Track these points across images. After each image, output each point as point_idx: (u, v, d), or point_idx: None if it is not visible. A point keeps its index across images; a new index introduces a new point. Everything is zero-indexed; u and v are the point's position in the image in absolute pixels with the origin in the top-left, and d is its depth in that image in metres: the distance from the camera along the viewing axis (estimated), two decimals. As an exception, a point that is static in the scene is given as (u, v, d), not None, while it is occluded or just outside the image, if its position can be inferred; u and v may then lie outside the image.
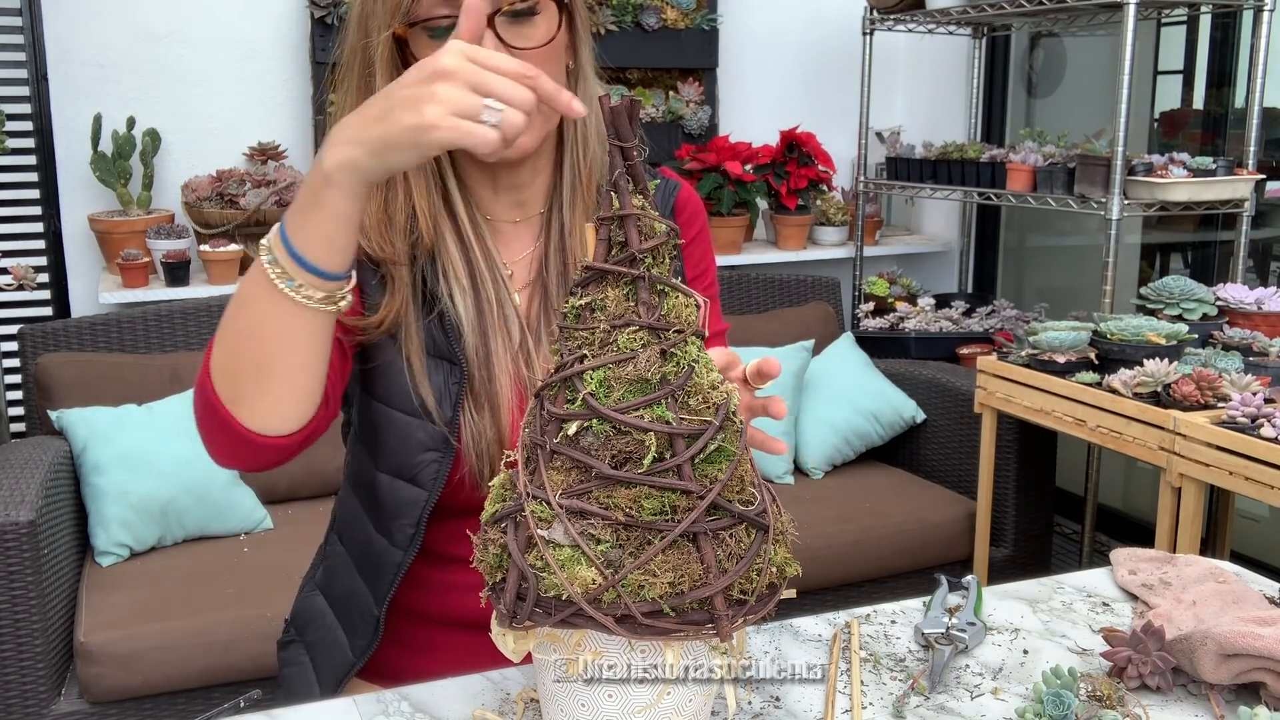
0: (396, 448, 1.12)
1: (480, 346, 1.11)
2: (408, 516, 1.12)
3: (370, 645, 1.16)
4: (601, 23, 3.37)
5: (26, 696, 2.12)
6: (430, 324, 1.11)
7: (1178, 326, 2.32)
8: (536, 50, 1.05)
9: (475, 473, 1.10)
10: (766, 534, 0.80)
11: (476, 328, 1.11)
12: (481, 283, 1.12)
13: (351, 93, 1.09)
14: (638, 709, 0.80)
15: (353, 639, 1.18)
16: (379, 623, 1.15)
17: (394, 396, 1.11)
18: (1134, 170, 2.69)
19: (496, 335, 1.12)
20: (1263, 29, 2.76)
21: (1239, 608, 1.05)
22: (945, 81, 3.90)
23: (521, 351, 1.13)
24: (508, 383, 1.12)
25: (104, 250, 3.00)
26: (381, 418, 1.13)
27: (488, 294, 1.12)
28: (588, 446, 0.78)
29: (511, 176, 1.14)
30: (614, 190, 0.82)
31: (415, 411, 1.10)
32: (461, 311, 1.10)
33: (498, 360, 1.11)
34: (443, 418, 1.09)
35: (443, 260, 1.11)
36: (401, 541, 1.13)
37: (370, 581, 1.16)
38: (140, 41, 3.08)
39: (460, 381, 1.10)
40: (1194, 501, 2.07)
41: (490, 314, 1.12)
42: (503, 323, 1.13)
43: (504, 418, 1.11)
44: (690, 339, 0.80)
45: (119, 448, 2.44)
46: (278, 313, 0.89)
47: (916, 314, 3.47)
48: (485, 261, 1.13)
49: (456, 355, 1.10)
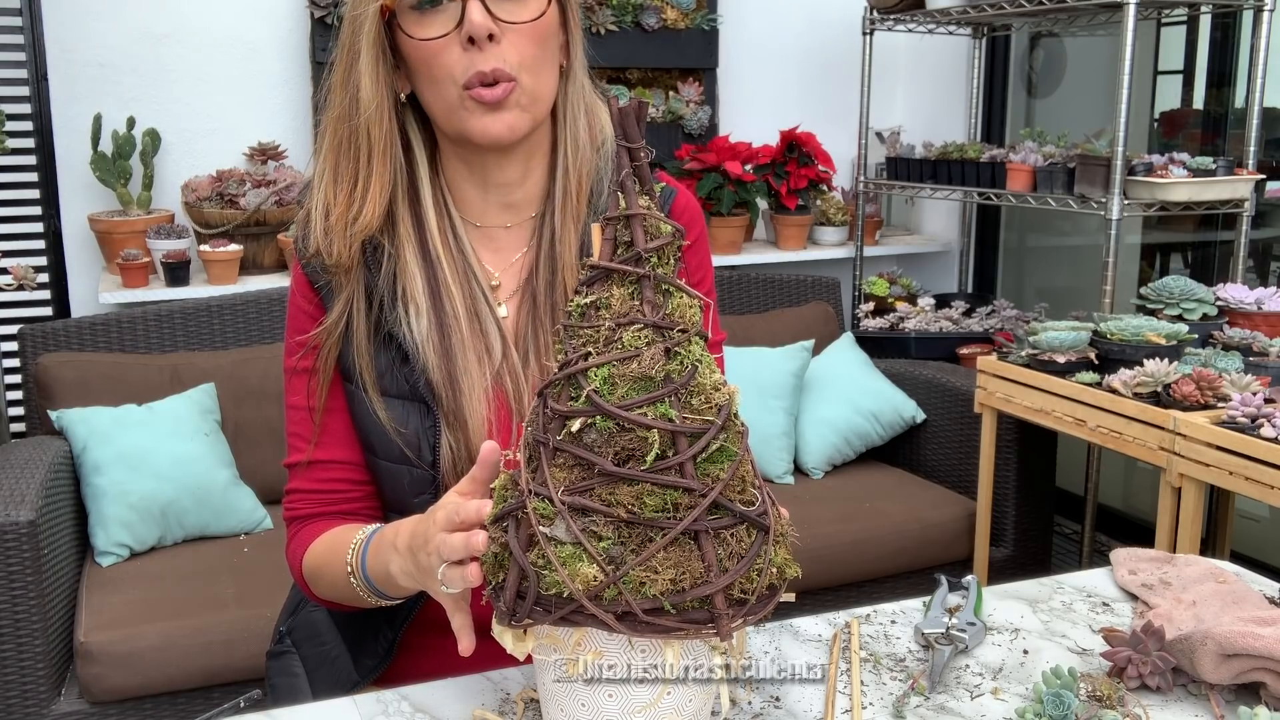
0: (390, 492, 1.14)
1: (444, 368, 1.09)
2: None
3: (380, 666, 1.16)
4: (602, 23, 3.37)
5: (26, 696, 2.12)
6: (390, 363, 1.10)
7: (1178, 326, 2.32)
8: (523, 25, 1.05)
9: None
10: (767, 534, 0.80)
11: (439, 349, 1.09)
12: (448, 297, 1.10)
13: (337, 86, 1.09)
14: (638, 709, 0.80)
15: (359, 658, 1.18)
16: (393, 646, 1.16)
17: (376, 446, 1.12)
18: (1134, 170, 2.69)
19: (467, 351, 1.10)
20: (1263, 29, 2.76)
21: (1239, 608, 1.05)
22: (945, 81, 3.91)
23: (505, 363, 1.11)
24: (481, 401, 1.09)
25: (104, 250, 3.00)
26: (371, 463, 1.14)
27: (454, 308, 1.10)
28: (591, 443, 0.78)
29: (500, 173, 1.13)
30: (620, 190, 0.82)
31: (397, 458, 1.10)
32: (418, 336, 1.09)
33: (467, 378, 1.09)
34: (424, 462, 1.09)
35: (402, 280, 1.10)
36: None
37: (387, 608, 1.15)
38: (140, 41, 3.08)
39: (435, 424, 1.09)
40: (1194, 501, 2.07)
41: (458, 331, 1.10)
42: (478, 338, 1.11)
43: (475, 439, 1.09)
44: (694, 339, 0.80)
45: (119, 448, 2.44)
46: (360, 598, 1.08)
47: (916, 314, 3.48)
48: (458, 274, 1.12)
49: (421, 393, 1.09)
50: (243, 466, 2.62)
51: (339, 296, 1.11)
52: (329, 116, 1.11)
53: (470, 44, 1.03)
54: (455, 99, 1.06)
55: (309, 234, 1.12)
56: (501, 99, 1.05)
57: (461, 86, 1.05)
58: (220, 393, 2.69)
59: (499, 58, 1.04)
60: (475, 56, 1.04)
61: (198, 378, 2.69)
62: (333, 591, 1.12)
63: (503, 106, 1.05)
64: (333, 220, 1.09)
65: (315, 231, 1.11)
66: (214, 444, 2.58)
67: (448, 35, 1.04)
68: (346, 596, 1.09)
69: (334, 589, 1.11)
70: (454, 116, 1.07)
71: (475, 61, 1.04)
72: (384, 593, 1.05)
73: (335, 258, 1.09)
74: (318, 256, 1.11)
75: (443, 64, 1.05)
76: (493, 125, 1.06)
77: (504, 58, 1.04)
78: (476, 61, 1.04)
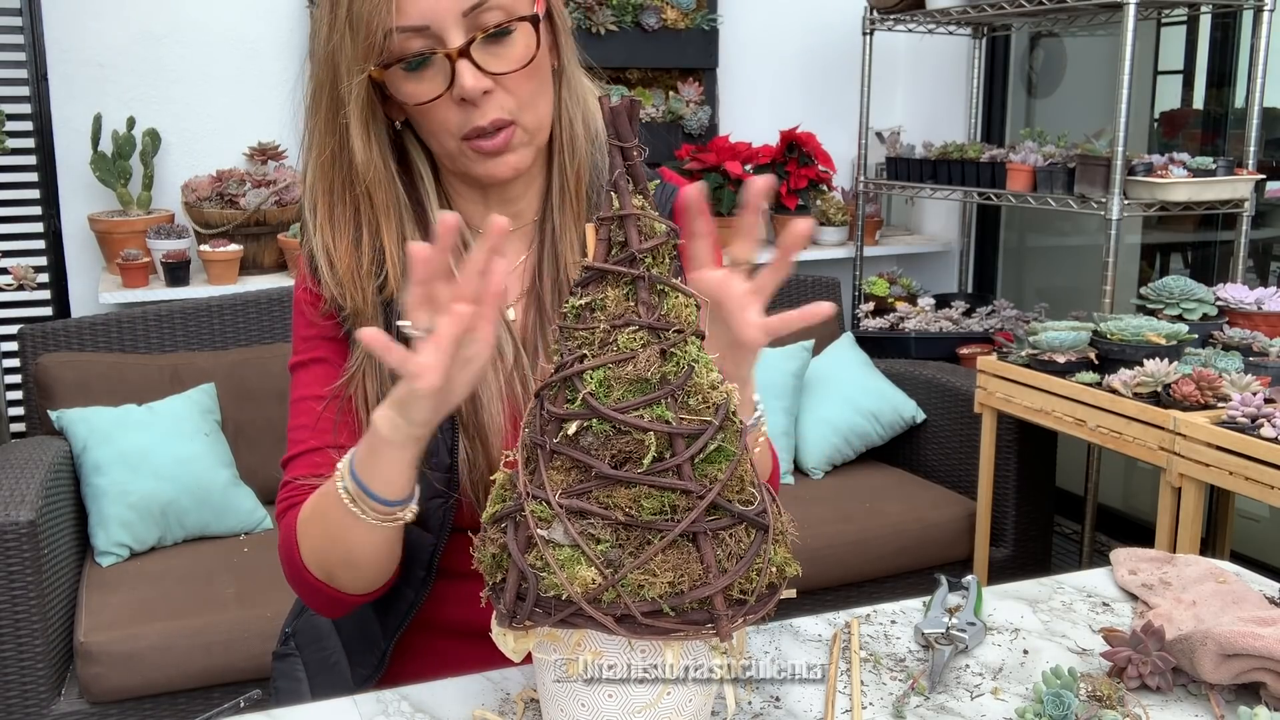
0: None
1: None
2: (419, 560, 1.11)
3: (373, 676, 1.15)
4: (602, 23, 3.37)
5: (26, 696, 2.12)
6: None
7: (1178, 326, 2.31)
8: (517, 72, 1.02)
9: (473, 503, 1.09)
10: (766, 534, 0.80)
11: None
12: None
13: (319, 131, 1.06)
14: (638, 709, 0.80)
15: (355, 667, 1.17)
16: (385, 655, 1.15)
17: None
18: (1134, 170, 2.69)
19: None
20: (1263, 29, 2.76)
21: (1239, 608, 1.05)
22: (945, 81, 3.90)
23: (517, 368, 1.10)
24: (499, 409, 1.09)
25: (104, 250, 3.00)
26: None
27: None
28: (587, 446, 0.78)
29: (503, 192, 1.12)
30: (614, 190, 0.82)
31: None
32: None
33: (485, 388, 1.08)
34: (441, 466, 1.07)
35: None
36: (414, 582, 1.12)
37: (381, 615, 1.15)
38: (140, 41, 3.08)
39: (453, 427, 1.07)
40: (1194, 501, 2.07)
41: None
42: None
43: (494, 447, 1.08)
44: (690, 339, 0.80)
45: (119, 448, 2.44)
46: (354, 526, 0.98)
47: (916, 314, 3.47)
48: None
49: None
50: (243, 466, 2.62)
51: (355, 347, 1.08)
52: (313, 158, 1.08)
53: (464, 102, 1.01)
54: (455, 149, 1.04)
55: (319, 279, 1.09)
56: (503, 147, 1.04)
57: (460, 139, 1.03)
58: (220, 393, 2.69)
59: (497, 108, 1.02)
60: (471, 113, 1.02)
61: (198, 378, 2.69)
62: (323, 531, 1.02)
63: (505, 150, 1.04)
64: (340, 273, 1.07)
65: (324, 277, 1.08)
66: (214, 444, 2.58)
67: (440, 97, 1.01)
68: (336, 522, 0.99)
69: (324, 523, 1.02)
70: (455, 162, 1.06)
71: (471, 118, 1.02)
72: (372, 491, 0.96)
73: (352, 308, 1.07)
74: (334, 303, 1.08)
75: (438, 120, 1.03)
76: (497, 170, 1.05)
77: (501, 106, 1.02)
78: (473, 118, 1.02)
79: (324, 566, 1.04)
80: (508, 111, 1.03)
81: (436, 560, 1.11)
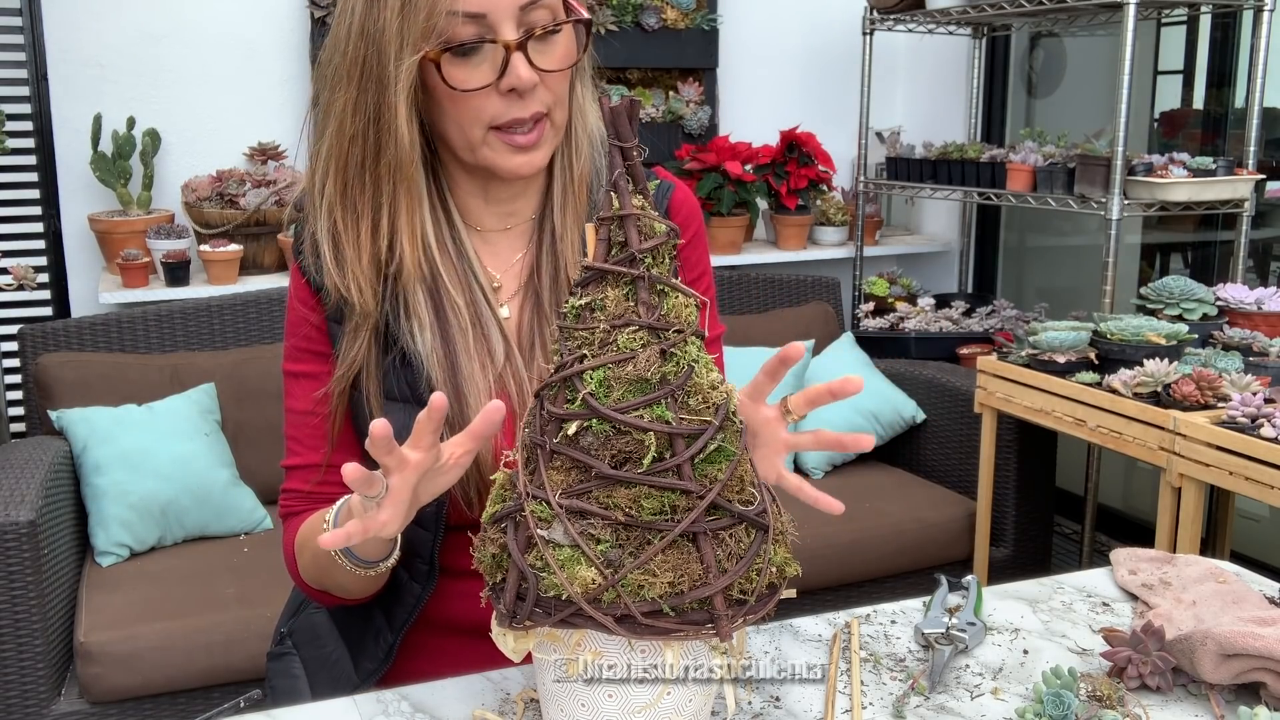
0: None
1: (450, 381, 1.08)
2: (421, 554, 1.12)
3: (380, 669, 1.16)
4: (602, 23, 3.37)
5: (26, 696, 2.12)
6: (391, 365, 1.09)
7: (1178, 326, 2.31)
8: (559, 72, 1.04)
9: (464, 499, 1.08)
10: (766, 534, 0.80)
11: (444, 362, 1.08)
12: (450, 307, 1.09)
13: (347, 107, 1.04)
14: (638, 709, 0.80)
15: (360, 661, 1.17)
16: (392, 649, 1.15)
17: None
18: (1134, 170, 2.69)
19: (472, 360, 1.09)
20: (1263, 29, 2.76)
21: (1239, 608, 1.05)
22: (945, 81, 3.90)
23: (509, 366, 1.10)
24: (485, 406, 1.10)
25: (104, 250, 3.00)
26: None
27: (457, 317, 1.09)
28: (587, 446, 0.78)
29: (506, 188, 1.13)
30: (614, 190, 0.82)
31: None
32: (421, 348, 1.08)
33: (471, 385, 1.08)
34: None
35: (406, 296, 1.08)
36: (419, 576, 1.13)
37: (386, 609, 1.15)
38: (140, 41, 3.08)
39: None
40: (1194, 501, 2.07)
41: (461, 340, 1.09)
42: (481, 343, 1.10)
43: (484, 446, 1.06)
44: (690, 339, 0.80)
45: (119, 448, 2.44)
46: (339, 568, 1.05)
47: (916, 314, 3.47)
48: (459, 280, 1.10)
49: (424, 399, 1.05)
50: (242, 466, 2.62)
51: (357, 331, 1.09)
52: (332, 131, 1.06)
53: (510, 93, 1.02)
54: (479, 137, 1.05)
55: (320, 266, 1.09)
56: (536, 140, 1.05)
57: (490, 127, 1.04)
58: (220, 393, 2.69)
59: (539, 101, 1.04)
60: (514, 105, 1.03)
61: (198, 378, 2.69)
62: (314, 565, 1.09)
63: (536, 145, 1.06)
64: (351, 260, 1.06)
65: (328, 265, 1.08)
66: (214, 444, 2.58)
67: (486, 87, 1.02)
68: (325, 565, 1.06)
69: (315, 562, 1.08)
70: (476, 152, 1.06)
71: (513, 109, 1.03)
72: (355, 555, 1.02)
73: (361, 301, 1.07)
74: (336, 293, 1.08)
75: (474, 107, 1.03)
76: (523, 166, 1.06)
77: (542, 100, 1.04)
78: (514, 109, 1.03)
79: (319, 583, 1.12)
80: (544, 105, 1.05)
81: (437, 555, 1.12)
